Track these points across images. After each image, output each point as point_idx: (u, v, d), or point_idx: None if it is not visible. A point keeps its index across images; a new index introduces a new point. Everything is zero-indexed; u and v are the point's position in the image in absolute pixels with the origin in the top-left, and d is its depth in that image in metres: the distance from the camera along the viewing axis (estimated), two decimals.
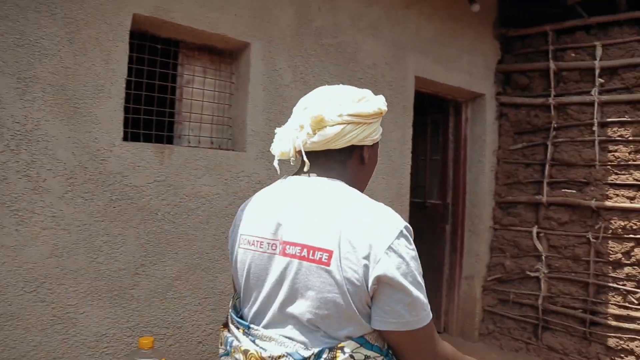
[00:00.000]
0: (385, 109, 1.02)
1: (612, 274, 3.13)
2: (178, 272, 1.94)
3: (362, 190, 1.00)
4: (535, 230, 3.44)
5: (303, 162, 0.96)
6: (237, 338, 0.96)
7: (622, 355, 3.05)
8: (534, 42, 3.55)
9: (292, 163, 0.98)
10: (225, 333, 1.01)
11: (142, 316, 1.86)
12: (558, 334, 3.34)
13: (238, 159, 2.12)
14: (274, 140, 1.02)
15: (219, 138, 2.25)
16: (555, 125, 3.39)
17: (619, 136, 3.14)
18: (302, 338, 0.89)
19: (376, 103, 1.01)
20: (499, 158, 3.66)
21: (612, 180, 3.15)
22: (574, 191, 3.32)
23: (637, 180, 3.06)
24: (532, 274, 3.44)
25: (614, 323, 3.08)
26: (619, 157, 3.14)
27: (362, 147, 1.00)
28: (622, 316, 3.06)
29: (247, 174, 2.14)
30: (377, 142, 1.04)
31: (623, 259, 3.09)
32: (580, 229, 3.29)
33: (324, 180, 0.96)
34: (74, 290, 1.70)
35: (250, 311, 0.99)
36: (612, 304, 3.12)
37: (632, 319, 3.02)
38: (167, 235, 1.92)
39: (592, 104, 3.23)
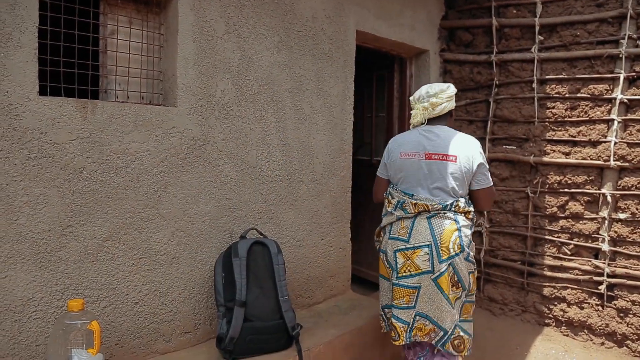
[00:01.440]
0: (456, 90, 2.27)
1: (548, 227, 3.38)
2: (109, 233, 1.94)
3: None
4: None
5: (427, 121, 2.22)
6: (406, 199, 2.13)
7: (556, 302, 3.34)
8: None
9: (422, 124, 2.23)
10: (393, 200, 2.19)
11: (72, 278, 1.85)
12: (498, 285, 3.60)
13: (169, 114, 2.10)
14: (413, 115, 2.25)
15: (150, 93, 2.22)
16: (497, 82, 3.55)
17: (556, 93, 3.33)
18: (443, 196, 2.10)
19: (454, 89, 2.23)
20: None
21: (550, 137, 3.36)
22: (514, 147, 3.52)
23: (572, 136, 3.28)
24: (475, 229, 3.65)
25: (548, 273, 3.35)
26: (556, 114, 3.34)
27: (451, 111, 2.23)
28: (556, 267, 3.33)
29: (179, 130, 2.13)
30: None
31: (558, 212, 3.34)
32: (519, 184, 3.51)
33: (440, 126, 2.20)
34: None
35: (409, 189, 2.17)
36: (547, 255, 3.39)
37: (565, 269, 3.30)
38: (95, 195, 1.90)
39: (532, 61, 3.40)
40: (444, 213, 2.08)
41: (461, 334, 2.11)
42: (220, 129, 2.28)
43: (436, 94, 2.16)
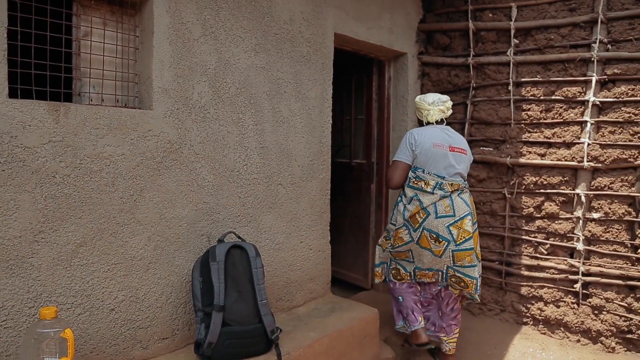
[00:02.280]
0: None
1: (525, 227, 3.44)
2: (83, 238, 1.91)
3: None
4: None
5: (441, 121, 2.89)
6: (442, 181, 2.70)
7: (533, 301, 3.40)
8: (454, 2, 3.70)
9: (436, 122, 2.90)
10: (432, 182, 2.69)
11: (45, 286, 1.81)
12: None
13: (144, 117, 2.07)
14: (430, 114, 2.85)
15: (125, 96, 2.19)
16: (474, 84, 3.60)
17: (531, 95, 3.39)
18: (460, 179, 2.77)
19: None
20: None
21: (526, 138, 3.42)
22: (491, 149, 3.57)
23: (547, 137, 3.34)
24: None
25: (526, 273, 3.41)
26: (531, 116, 3.40)
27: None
28: (533, 266, 3.39)
29: (154, 134, 2.10)
30: None
31: (534, 212, 3.40)
32: (497, 185, 3.56)
33: (449, 127, 2.89)
34: None
35: (440, 173, 2.71)
36: (524, 255, 3.45)
37: (542, 268, 3.36)
38: (68, 200, 1.86)
39: (507, 64, 3.46)
40: (465, 189, 2.79)
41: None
42: (197, 132, 2.26)
43: (447, 100, 2.88)
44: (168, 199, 2.17)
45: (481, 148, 3.61)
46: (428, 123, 2.85)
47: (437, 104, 2.82)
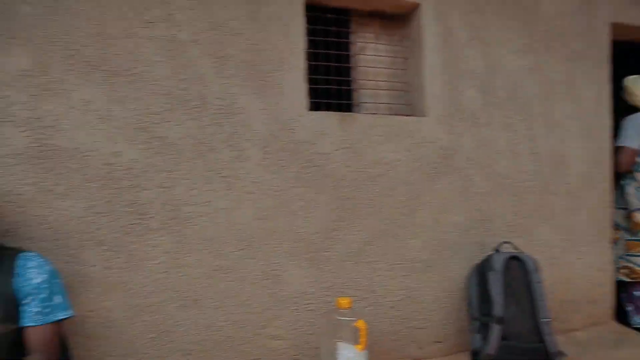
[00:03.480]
0: None
1: None
2: (368, 238, 2.10)
3: None
4: None
5: None
6: None
7: None
8: None
9: None
10: None
11: (337, 278, 2.05)
12: None
13: (418, 124, 2.20)
14: None
15: (396, 104, 2.36)
16: None
17: None
18: None
19: None
20: None
21: None
22: None
23: None
24: None
25: None
26: None
27: None
28: None
29: (428, 140, 2.21)
30: None
31: None
32: None
33: None
34: (277, 250, 1.96)
35: None
36: None
37: None
38: (354, 201, 2.08)
39: None
40: None
41: None
42: (468, 137, 2.29)
43: None
44: (442, 204, 2.23)
45: None
46: None
47: None
